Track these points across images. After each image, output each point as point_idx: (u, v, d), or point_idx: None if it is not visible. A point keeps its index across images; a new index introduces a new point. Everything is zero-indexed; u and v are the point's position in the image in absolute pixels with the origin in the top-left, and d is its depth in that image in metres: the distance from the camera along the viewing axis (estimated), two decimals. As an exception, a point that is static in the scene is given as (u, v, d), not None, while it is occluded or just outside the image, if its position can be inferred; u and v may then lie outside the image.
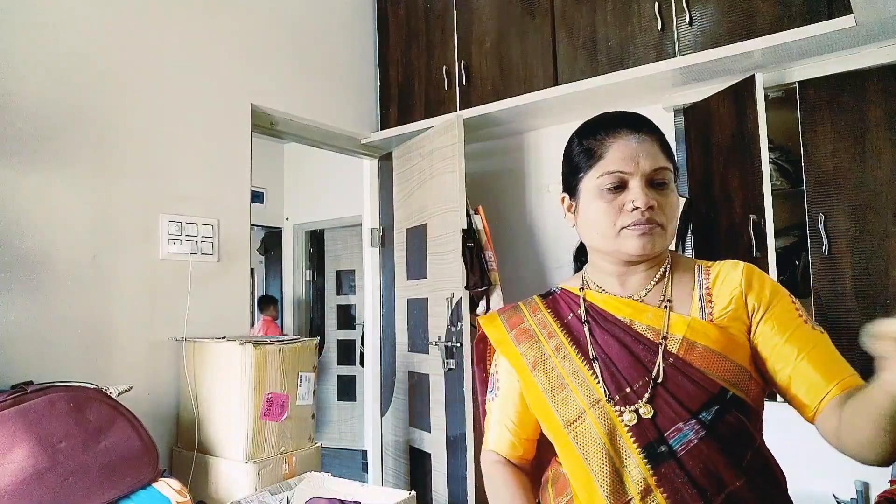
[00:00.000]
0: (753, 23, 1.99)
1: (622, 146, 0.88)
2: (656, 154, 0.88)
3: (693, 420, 0.80)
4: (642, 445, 0.81)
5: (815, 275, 1.95)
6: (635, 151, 0.87)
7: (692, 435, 0.80)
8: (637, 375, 0.85)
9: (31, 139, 1.78)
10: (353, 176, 3.60)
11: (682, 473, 0.78)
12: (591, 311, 0.94)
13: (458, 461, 2.41)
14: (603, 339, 0.90)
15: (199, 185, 2.21)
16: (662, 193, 0.87)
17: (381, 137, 2.97)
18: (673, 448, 0.80)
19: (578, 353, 0.91)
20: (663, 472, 0.79)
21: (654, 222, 0.86)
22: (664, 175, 0.88)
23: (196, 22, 2.25)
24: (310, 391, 1.99)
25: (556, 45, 2.44)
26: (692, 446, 0.79)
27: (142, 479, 1.55)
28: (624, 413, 0.84)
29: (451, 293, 2.46)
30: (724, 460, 0.78)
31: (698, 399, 0.81)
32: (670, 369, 0.83)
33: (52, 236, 1.80)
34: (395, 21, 3.02)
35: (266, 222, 5.48)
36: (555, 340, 0.94)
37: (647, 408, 0.83)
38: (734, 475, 0.78)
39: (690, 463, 0.79)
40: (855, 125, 1.91)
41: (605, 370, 0.88)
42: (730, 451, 0.79)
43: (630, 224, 0.86)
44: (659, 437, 0.81)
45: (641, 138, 0.88)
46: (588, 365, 0.89)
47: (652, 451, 0.81)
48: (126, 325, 1.96)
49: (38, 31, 1.81)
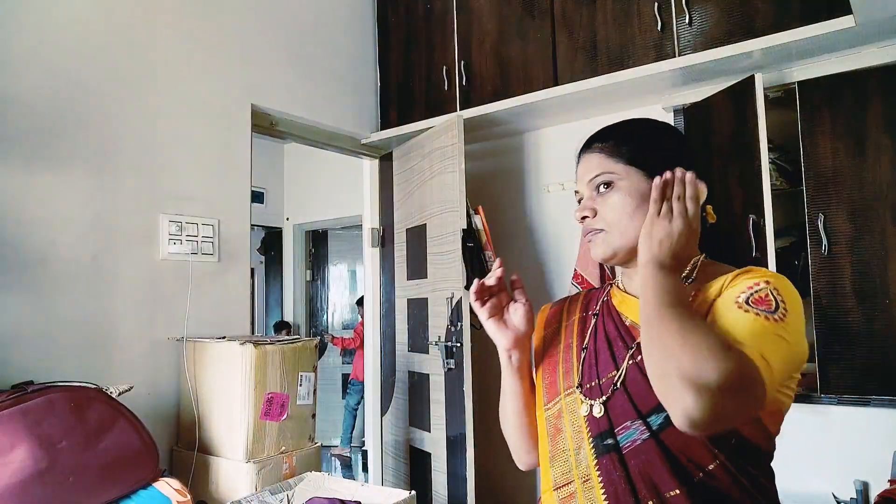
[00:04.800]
0: (753, 23, 1.99)
1: (580, 167, 0.97)
2: (598, 163, 0.93)
3: (640, 421, 0.81)
4: (594, 435, 0.86)
5: (815, 275, 1.95)
6: (584, 167, 0.95)
7: (636, 435, 0.81)
8: (607, 370, 0.89)
9: (32, 139, 1.78)
10: (353, 176, 3.60)
11: (621, 468, 0.81)
12: (606, 305, 0.99)
13: (458, 461, 2.41)
14: (600, 333, 0.94)
15: (200, 185, 2.21)
16: (601, 198, 0.92)
17: (381, 137, 2.97)
18: (620, 444, 0.83)
19: (579, 344, 0.96)
20: (604, 462, 0.83)
21: (593, 229, 0.92)
22: (602, 179, 0.91)
23: (196, 22, 2.25)
24: (310, 391, 1.99)
25: (556, 46, 2.44)
26: (636, 446, 0.81)
27: (142, 478, 1.55)
28: (583, 404, 0.89)
29: (451, 293, 2.46)
30: (664, 466, 0.78)
31: (649, 403, 0.80)
32: (633, 369, 0.85)
33: (52, 236, 1.80)
34: (395, 21, 3.02)
35: (266, 222, 5.48)
36: (569, 329, 1.00)
37: (599, 407, 0.86)
38: (673, 484, 0.77)
39: (632, 461, 0.81)
40: (855, 125, 1.91)
41: (587, 361, 0.93)
42: (674, 460, 0.78)
43: (583, 234, 0.95)
44: (609, 430, 0.84)
45: (589, 153, 0.95)
46: (579, 355, 0.95)
47: (600, 441, 0.85)
48: (126, 325, 1.96)
49: (38, 31, 1.81)
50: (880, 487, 1.83)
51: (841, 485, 2.01)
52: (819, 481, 2.04)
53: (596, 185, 0.92)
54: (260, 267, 6.08)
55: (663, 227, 0.81)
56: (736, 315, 0.76)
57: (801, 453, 2.09)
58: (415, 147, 2.79)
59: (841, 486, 2.01)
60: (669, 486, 0.77)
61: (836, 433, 2.07)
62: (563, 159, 2.81)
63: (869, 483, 1.98)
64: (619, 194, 0.90)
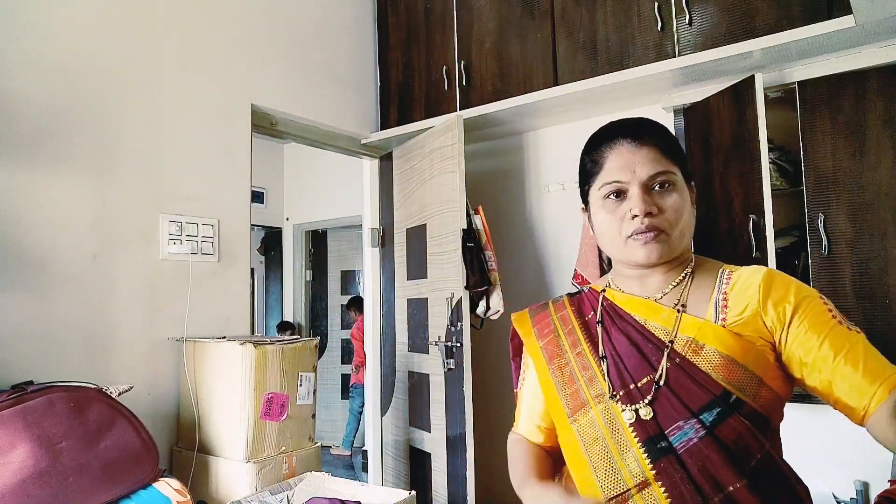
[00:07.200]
0: (753, 23, 1.99)
1: (618, 155, 0.90)
2: (655, 159, 0.88)
3: (693, 419, 0.81)
4: (643, 440, 0.83)
5: (815, 275, 1.95)
6: (631, 159, 0.88)
7: (692, 434, 0.80)
8: (642, 373, 0.87)
9: (32, 139, 1.78)
10: (353, 176, 3.61)
11: (681, 469, 0.80)
12: (609, 309, 0.96)
13: (458, 461, 2.41)
14: (616, 337, 0.92)
15: (199, 185, 2.21)
16: (665, 197, 0.88)
17: (381, 137, 2.97)
18: (673, 445, 0.81)
19: (592, 350, 0.94)
20: (662, 466, 0.81)
21: (656, 228, 0.87)
22: (666, 178, 0.88)
23: (196, 22, 2.25)
24: (310, 391, 1.99)
25: (556, 45, 2.44)
26: (692, 444, 0.80)
27: (142, 478, 1.55)
28: (625, 410, 0.86)
29: (451, 293, 2.46)
30: (723, 461, 0.78)
31: (700, 399, 0.81)
32: (674, 369, 0.84)
33: (52, 236, 1.80)
34: (395, 21, 3.02)
35: (266, 222, 5.48)
36: (572, 337, 0.97)
37: (646, 409, 0.84)
38: (734, 477, 0.78)
39: (689, 461, 0.80)
40: (855, 125, 1.91)
41: (613, 367, 0.90)
42: (730, 453, 0.79)
43: (633, 233, 0.88)
44: (660, 433, 0.82)
45: (638, 145, 0.89)
46: (598, 361, 0.92)
47: (652, 445, 0.82)
48: (126, 325, 1.96)
49: (38, 31, 1.81)
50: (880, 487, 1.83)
51: (841, 485, 2.01)
52: (819, 481, 2.03)
53: (657, 182, 0.88)
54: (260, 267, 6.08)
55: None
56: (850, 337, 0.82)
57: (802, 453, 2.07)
58: (415, 147, 2.79)
59: (841, 486, 2.01)
60: (731, 479, 0.77)
61: (836, 433, 2.07)
62: (563, 159, 2.81)
63: (869, 483, 1.98)
64: (679, 196, 0.88)
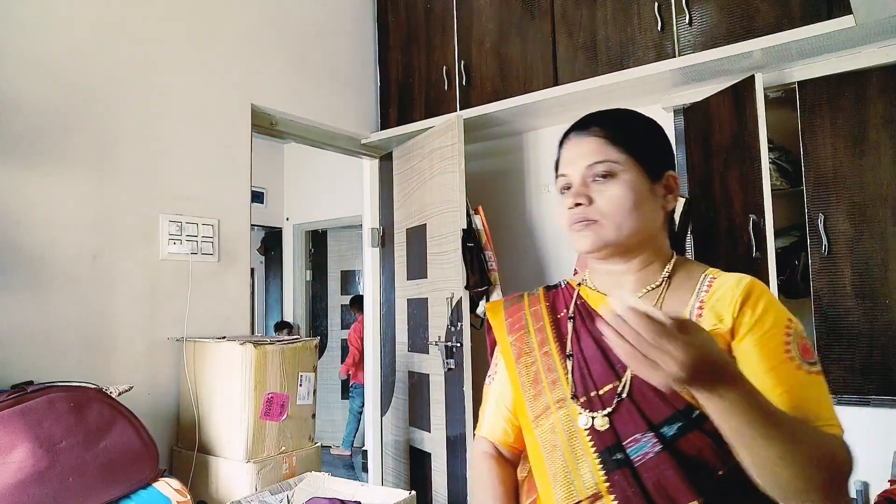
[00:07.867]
0: (753, 23, 1.99)
1: (567, 149, 0.92)
2: (595, 149, 0.87)
3: (651, 433, 0.78)
4: (599, 450, 0.81)
5: (815, 275, 1.95)
6: (576, 151, 0.89)
7: (648, 448, 0.78)
8: (606, 381, 0.84)
9: (31, 139, 1.78)
10: (353, 176, 3.60)
11: (636, 484, 0.77)
12: (582, 308, 0.94)
13: (458, 461, 2.41)
14: (585, 339, 0.89)
15: (199, 185, 2.21)
16: (601, 187, 0.86)
17: (381, 137, 2.97)
18: (630, 457, 0.79)
19: (560, 350, 0.91)
20: (616, 479, 0.79)
21: (585, 219, 0.86)
22: (605, 168, 0.86)
23: (196, 22, 2.25)
24: (310, 391, 1.99)
25: (556, 45, 2.44)
26: (648, 459, 0.78)
27: (142, 478, 1.55)
28: (582, 414, 0.84)
29: (451, 293, 2.46)
30: (679, 478, 0.76)
31: (662, 413, 0.79)
32: (639, 379, 0.80)
33: (52, 236, 1.80)
34: (395, 21, 3.02)
35: (266, 222, 5.47)
36: (542, 334, 0.94)
37: (602, 420, 0.82)
38: (690, 494, 0.75)
39: (645, 475, 0.77)
40: (855, 125, 1.91)
41: (577, 369, 0.87)
42: (689, 469, 0.76)
43: (570, 223, 0.88)
44: (617, 444, 0.80)
45: (584, 136, 0.90)
46: (564, 361, 0.89)
47: (608, 456, 0.80)
48: (126, 325, 1.96)
49: (38, 31, 1.81)
50: (880, 487, 1.83)
51: (841, 485, 2.01)
52: (819, 481, 2.03)
53: (595, 172, 0.86)
54: (260, 267, 6.08)
55: (667, 371, 0.64)
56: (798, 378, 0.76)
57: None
58: (415, 147, 2.79)
59: (841, 486, 2.00)
60: (687, 497, 0.75)
61: (836, 433, 2.07)
62: (563, 159, 2.81)
63: (869, 483, 1.98)
64: (621, 187, 0.85)
